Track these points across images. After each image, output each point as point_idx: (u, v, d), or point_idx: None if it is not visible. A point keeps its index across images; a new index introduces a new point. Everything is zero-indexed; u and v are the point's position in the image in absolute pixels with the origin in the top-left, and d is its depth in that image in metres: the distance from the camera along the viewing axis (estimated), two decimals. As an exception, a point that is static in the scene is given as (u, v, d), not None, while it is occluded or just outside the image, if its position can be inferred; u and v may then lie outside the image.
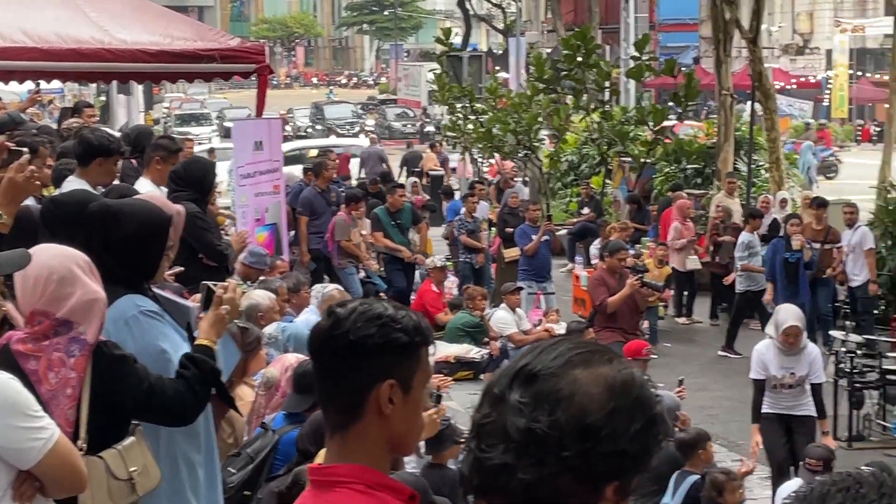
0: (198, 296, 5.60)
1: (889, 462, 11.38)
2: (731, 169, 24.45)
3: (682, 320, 20.23)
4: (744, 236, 18.41)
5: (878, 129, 51.32)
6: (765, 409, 11.18)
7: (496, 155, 26.84)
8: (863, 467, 1.93)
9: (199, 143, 34.84)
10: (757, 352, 11.32)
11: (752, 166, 24.15)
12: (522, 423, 2.08)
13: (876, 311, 18.42)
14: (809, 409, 11.23)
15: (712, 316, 20.28)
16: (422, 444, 8.10)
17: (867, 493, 1.84)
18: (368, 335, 2.94)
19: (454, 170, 33.92)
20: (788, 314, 11.17)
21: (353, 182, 28.50)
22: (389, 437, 2.96)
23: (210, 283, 5.37)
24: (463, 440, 7.31)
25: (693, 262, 20.02)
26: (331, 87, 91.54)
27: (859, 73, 59.90)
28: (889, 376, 13.69)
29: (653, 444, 2.10)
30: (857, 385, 13.71)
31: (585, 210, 24.26)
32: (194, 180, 9.09)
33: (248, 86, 42.21)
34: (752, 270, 17.97)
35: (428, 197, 27.69)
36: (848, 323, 15.97)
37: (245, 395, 7.82)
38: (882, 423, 13.94)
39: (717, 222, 20.23)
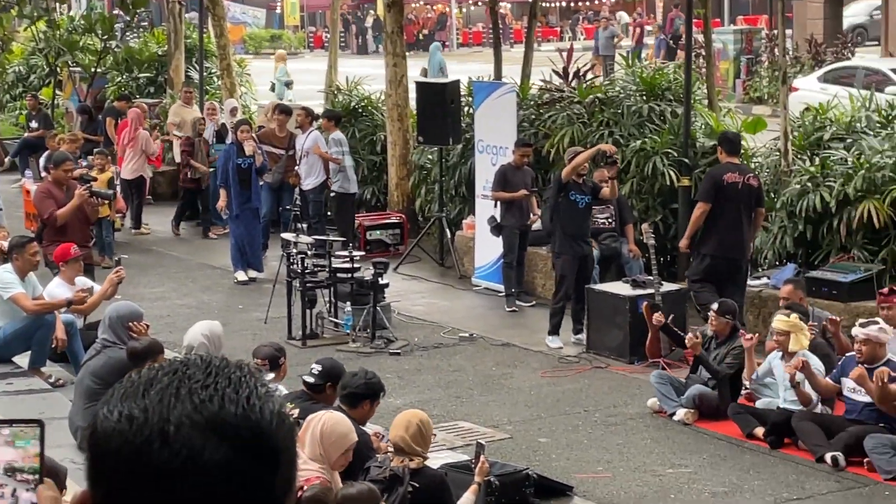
0: None
1: (340, 357, 11.80)
2: (182, 77, 24.36)
3: (136, 231, 20.16)
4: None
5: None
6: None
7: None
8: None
9: None
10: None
11: (204, 74, 24.16)
12: None
13: (329, 214, 19.01)
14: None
15: (177, 226, 20.28)
16: None
17: (194, 374, 1.87)
18: None
19: None
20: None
21: None
22: None
23: None
24: None
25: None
26: None
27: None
28: (339, 274, 14.15)
29: None
30: (310, 285, 14.10)
31: (34, 123, 23.45)
32: None
33: None
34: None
35: None
36: (300, 225, 16.35)
37: None
38: (334, 320, 14.42)
39: (189, 138, 20.16)
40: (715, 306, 11.94)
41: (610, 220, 15.64)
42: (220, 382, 1.85)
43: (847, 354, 11.07)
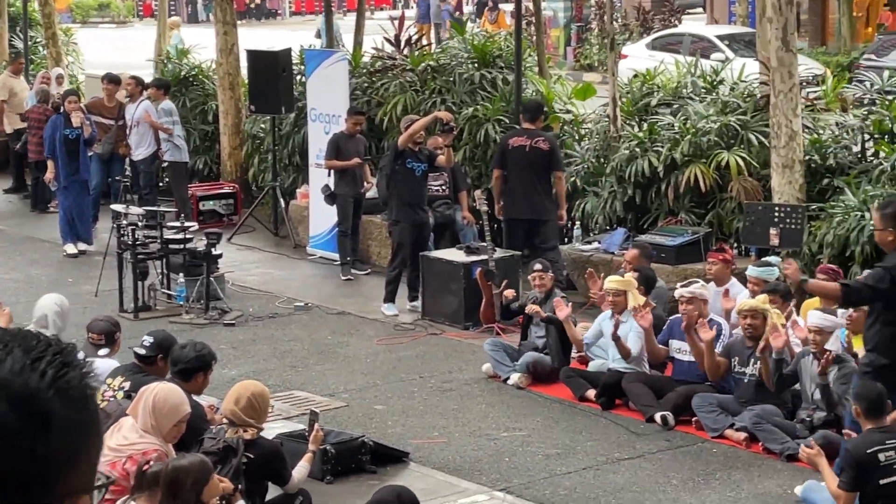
0: None
1: (173, 329, 11.65)
2: (6, 47, 23.73)
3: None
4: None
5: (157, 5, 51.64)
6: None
7: None
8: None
9: None
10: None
11: (29, 43, 23.59)
12: None
13: (161, 184, 18.76)
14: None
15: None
16: None
17: (2, 337, 1.97)
18: None
19: None
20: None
21: None
22: None
23: None
24: None
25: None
26: None
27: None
28: (171, 245, 13.96)
29: None
30: (141, 256, 13.88)
31: None
32: None
33: None
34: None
35: None
36: (130, 196, 16.08)
37: None
38: (167, 291, 14.23)
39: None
40: (537, 266, 12.10)
41: (444, 188, 15.71)
42: (17, 346, 1.95)
43: (672, 317, 11.31)
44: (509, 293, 12.76)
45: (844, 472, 8.09)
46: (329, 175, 15.85)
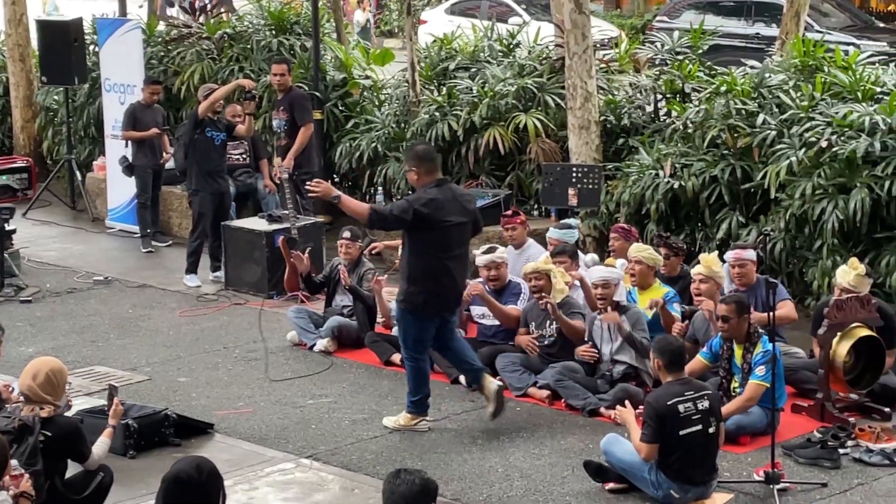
0: None
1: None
2: None
3: None
4: None
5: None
6: None
7: None
8: None
9: None
10: None
11: None
12: None
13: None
14: None
15: None
16: None
17: None
18: None
19: None
20: None
21: None
22: None
23: None
24: None
25: None
26: None
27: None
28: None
29: None
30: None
31: None
32: None
33: None
34: None
35: None
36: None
37: None
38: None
39: None
40: (346, 234, 12.06)
41: (245, 156, 15.57)
42: None
43: (472, 282, 11.39)
44: (306, 264, 12.41)
45: (646, 425, 8.28)
46: (126, 146, 15.58)
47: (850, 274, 10.09)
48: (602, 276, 10.31)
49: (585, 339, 10.44)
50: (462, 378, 10.59)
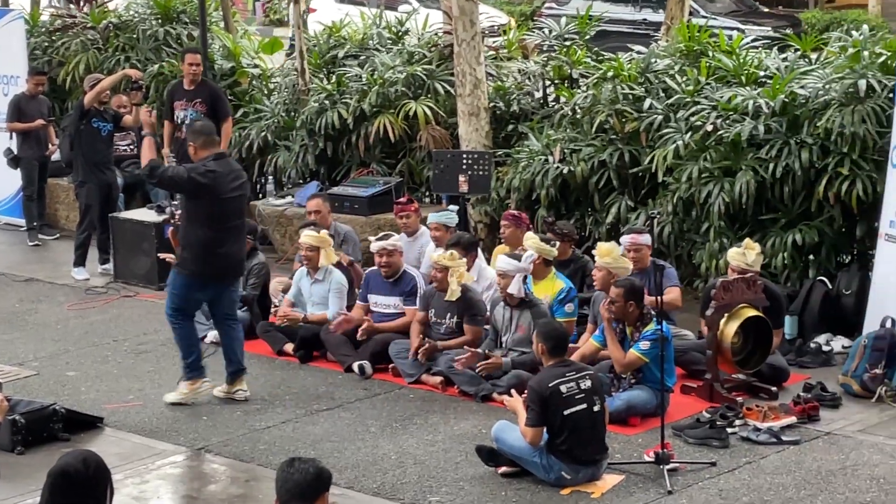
0: None
1: None
2: None
3: None
4: None
5: None
6: None
7: None
8: None
9: None
10: None
11: None
12: None
13: None
14: None
15: None
16: None
17: None
18: None
19: None
20: None
21: None
22: None
23: None
24: None
25: None
26: None
27: None
28: None
29: None
30: None
31: None
32: None
33: None
34: None
35: None
36: None
37: None
38: None
39: None
40: None
41: (132, 147, 15.39)
42: None
43: (369, 270, 11.38)
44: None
45: (530, 409, 8.34)
46: (11, 138, 15.35)
47: (750, 255, 10.24)
48: (502, 267, 10.31)
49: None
50: (355, 366, 10.59)
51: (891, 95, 10.96)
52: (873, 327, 10.28)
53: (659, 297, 8.83)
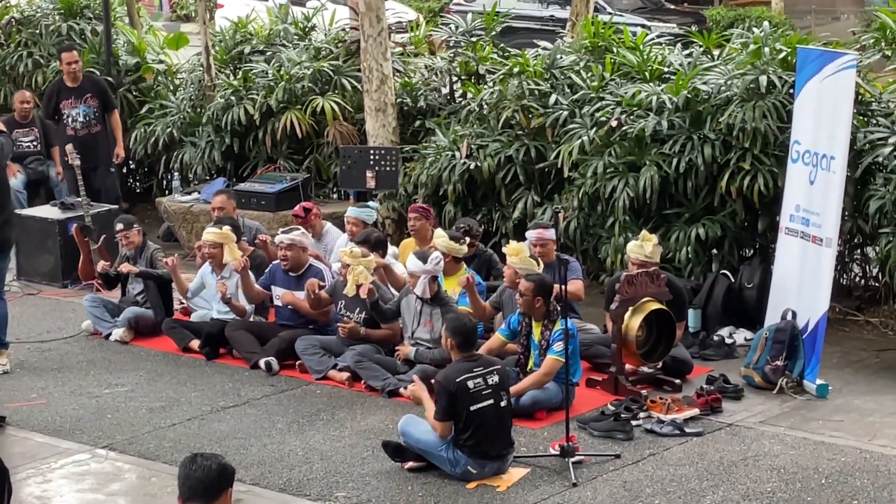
0: None
1: None
2: None
3: None
4: None
5: None
6: None
7: None
8: None
9: None
10: None
11: None
12: None
13: None
14: None
15: None
16: None
17: None
18: None
19: None
20: None
21: None
22: None
23: None
24: None
25: None
26: None
27: None
28: None
29: None
30: None
31: None
32: None
33: None
34: None
35: None
36: None
37: None
38: None
39: None
40: (119, 226, 11.89)
41: (35, 144, 15.19)
42: None
43: (274, 262, 11.34)
44: (101, 267, 12.22)
45: (438, 403, 8.37)
46: None
47: (647, 246, 10.33)
48: (410, 268, 10.31)
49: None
50: (262, 363, 10.55)
51: (791, 91, 11.12)
52: (774, 320, 10.43)
53: (563, 287, 8.89)
